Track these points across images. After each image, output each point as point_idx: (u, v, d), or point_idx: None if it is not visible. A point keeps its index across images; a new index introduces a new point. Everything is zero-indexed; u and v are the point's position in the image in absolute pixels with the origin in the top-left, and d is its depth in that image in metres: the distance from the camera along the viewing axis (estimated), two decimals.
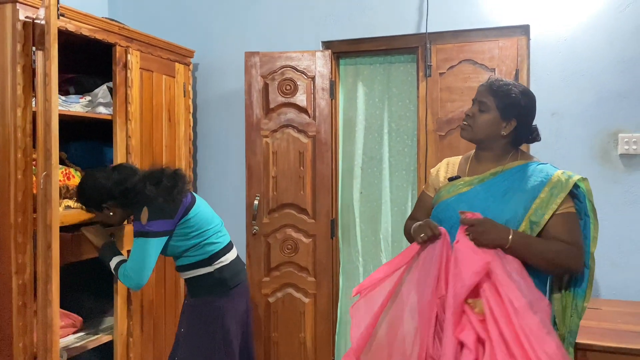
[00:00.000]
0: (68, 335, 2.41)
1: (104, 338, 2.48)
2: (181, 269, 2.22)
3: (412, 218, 2.00)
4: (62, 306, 2.19)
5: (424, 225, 1.70)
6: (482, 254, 1.56)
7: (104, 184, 2.11)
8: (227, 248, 2.24)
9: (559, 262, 1.64)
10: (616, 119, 2.51)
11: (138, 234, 2.06)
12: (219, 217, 2.30)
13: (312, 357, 2.94)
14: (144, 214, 2.05)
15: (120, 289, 2.51)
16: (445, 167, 1.94)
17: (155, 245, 2.07)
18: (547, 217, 1.64)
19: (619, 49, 2.51)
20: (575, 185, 1.67)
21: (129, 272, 2.07)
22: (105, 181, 2.11)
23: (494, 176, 1.76)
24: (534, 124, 1.81)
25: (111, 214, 2.16)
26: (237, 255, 2.30)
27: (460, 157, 1.95)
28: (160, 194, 2.06)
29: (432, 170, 2.00)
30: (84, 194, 2.15)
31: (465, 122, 1.80)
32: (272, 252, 2.96)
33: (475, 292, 1.55)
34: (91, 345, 2.40)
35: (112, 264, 2.13)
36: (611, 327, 1.99)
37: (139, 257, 2.05)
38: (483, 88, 1.79)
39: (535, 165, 1.76)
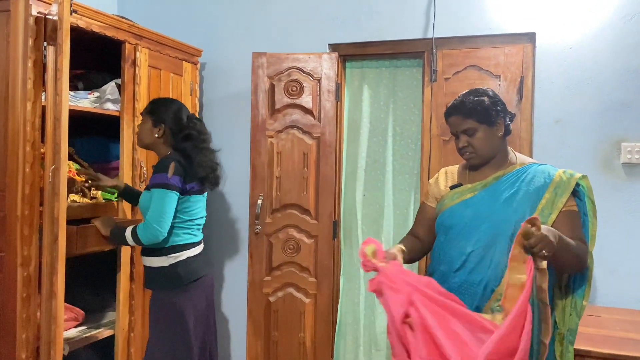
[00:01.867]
0: (70, 328, 2.43)
1: (106, 332, 2.50)
2: (142, 252, 2.25)
3: (412, 233, 2.00)
4: (65, 300, 2.21)
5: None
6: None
7: (177, 111, 2.27)
8: (190, 245, 2.24)
9: (583, 260, 1.66)
10: (619, 128, 2.53)
11: (160, 185, 2.10)
12: (205, 218, 2.36)
13: (312, 357, 2.95)
14: (172, 168, 2.12)
15: (123, 284, 2.53)
16: (445, 177, 1.95)
17: (174, 198, 2.13)
18: (553, 216, 1.67)
19: (624, 58, 2.53)
20: (577, 184, 1.70)
21: (148, 223, 2.09)
22: (180, 112, 2.28)
23: (496, 180, 1.78)
24: (509, 111, 1.82)
25: (157, 134, 2.23)
26: (200, 252, 2.30)
27: (457, 166, 1.97)
28: (202, 160, 2.22)
29: (430, 181, 2.01)
30: (160, 103, 2.29)
31: (467, 154, 1.80)
32: (274, 252, 2.98)
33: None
34: (93, 340, 2.42)
35: (128, 232, 2.15)
36: (610, 335, 2.00)
37: (160, 205, 2.09)
38: (453, 119, 1.79)
39: (535, 166, 1.79)
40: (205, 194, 2.35)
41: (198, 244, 2.29)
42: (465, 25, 2.76)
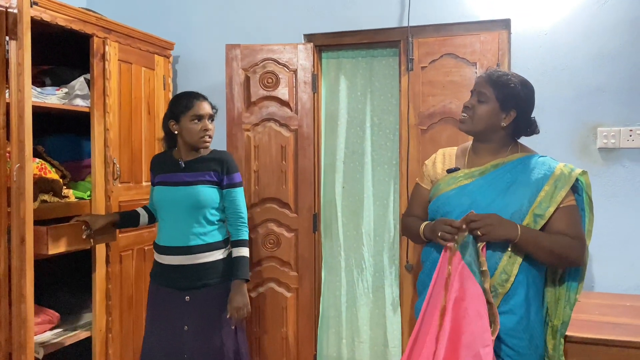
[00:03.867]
0: (45, 331, 2.37)
1: (82, 334, 2.45)
2: (203, 248, 2.21)
3: (409, 214, 1.96)
4: (39, 302, 2.16)
5: (439, 223, 1.69)
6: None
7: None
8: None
9: (565, 256, 1.66)
10: (595, 113, 2.53)
11: (239, 184, 2.28)
12: None
13: (295, 352, 2.93)
14: (235, 167, 2.28)
15: (99, 284, 2.48)
16: (442, 159, 1.90)
17: None
18: (551, 210, 1.66)
19: (598, 44, 2.53)
20: (576, 179, 1.69)
21: (245, 220, 2.28)
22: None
23: (495, 168, 1.75)
24: (532, 115, 1.81)
25: (176, 132, 2.26)
26: None
27: (455, 148, 1.93)
28: None
29: (426, 162, 1.97)
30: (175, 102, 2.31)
31: (464, 115, 1.77)
32: (254, 247, 2.94)
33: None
34: (69, 342, 2.37)
35: (246, 252, 2.25)
36: (588, 319, 2.00)
37: (244, 203, 2.30)
38: (481, 79, 1.77)
39: (536, 157, 1.77)
40: None
41: None
42: (440, 13, 2.74)
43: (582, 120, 2.55)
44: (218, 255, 2.21)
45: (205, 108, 2.25)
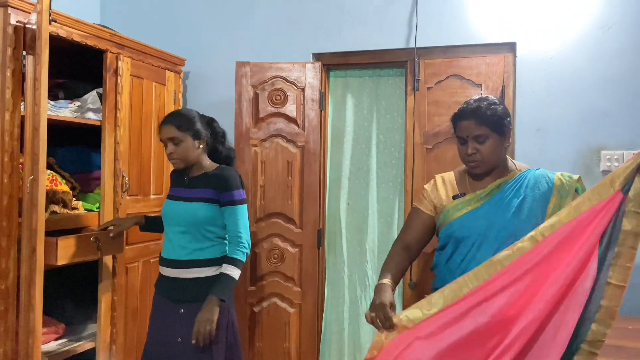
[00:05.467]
0: (50, 341, 2.39)
1: (87, 345, 2.46)
2: (197, 263, 2.18)
3: (401, 241, 1.92)
4: (44, 312, 2.17)
5: (380, 308, 1.63)
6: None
7: (212, 123, 2.34)
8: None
9: None
10: (599, 136, 2.56)
11: (243, 201, 2.21)
12: None
13: None
14: (238, 183, 2.22)
15: (105, 296, 2.50)
16: (443, 184, 1.90)
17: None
18: None
19: (602, 68, 2.57)
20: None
21: (244, 240, 2.19)
22: (208, 121, 2.33)
23: (499, 189, 1.78)
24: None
25: (199, 147, 2.23)
26: None
27: (451, 173, 1.94)
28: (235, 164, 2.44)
29: (426, 187, 1.95)
30: (189, 117, 2.23)
31: (472, 163, 1.78)
32: (258, 261, 2.96)
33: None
34: (73, 352, 2.38)
35: (234, 274, 2.15)
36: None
37: (246, 221, 2.22)
38: (470, 122, 1.76)
39: (533, 171, 1.82)
40: None
41: None
42: (447, 35, 2.79)
43: (586, 143, 2.58)
44: (211, 272, 2.17)
45: (164, 133, 2.20)
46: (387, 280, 1.75)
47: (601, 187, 1.50)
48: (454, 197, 1.84)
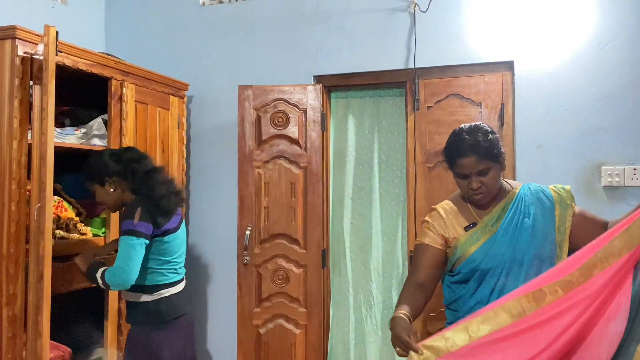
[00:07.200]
0: None
1: None
2: (131, 288, 2.13)
3: (413, 282, 1.79)
4: (51, 337, 2.18)
5: (398, 339, 1.54)
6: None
7: (116, 156, 2.18)
8: (174, 283, 2.22)
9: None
10: (599, 152, 2.58)
11: (127, 232, 2.03)
12: (185, 252, 2.31)
13: None
14: (138, 213, 2.05)
15: (111, 320, 2.51)
16: (447, 215, 1.85)
17: (142, 245, 2.05)
18: (568, 231, 1.75)
19: (600, 84, 2.59)
20: None
21: (116, 269, 2.02)
22: (116, 155, 2.18)
23: (505, 211, 1.79)
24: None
25: (112, 190, 2.15)
26: (182, 290, 2.27)
27: (449, 202, 1.90)
28: (163, 196, 2.12)
29: (427, 219, 1.88)
30: (91, 165, 2.16)
31: (478, 196, 1.77)
32: (263, 283, 2.97)
33: None
34: None
35: (98, 274, 2.07)
36: None
37: (127, 253, 2.02)
38: (471, 160, 1.72)
39: (527, 187, 1.85)
40: (183, 225, 2.28)
41: (180, 281, 2.27)
42: (445, 55, 2.83)
43: (586, 159, 2.60)
44: (136, 297, 2.15)
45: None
46: (399, 313, 1.65)
47: None
48: (466, 229, 1.80)
